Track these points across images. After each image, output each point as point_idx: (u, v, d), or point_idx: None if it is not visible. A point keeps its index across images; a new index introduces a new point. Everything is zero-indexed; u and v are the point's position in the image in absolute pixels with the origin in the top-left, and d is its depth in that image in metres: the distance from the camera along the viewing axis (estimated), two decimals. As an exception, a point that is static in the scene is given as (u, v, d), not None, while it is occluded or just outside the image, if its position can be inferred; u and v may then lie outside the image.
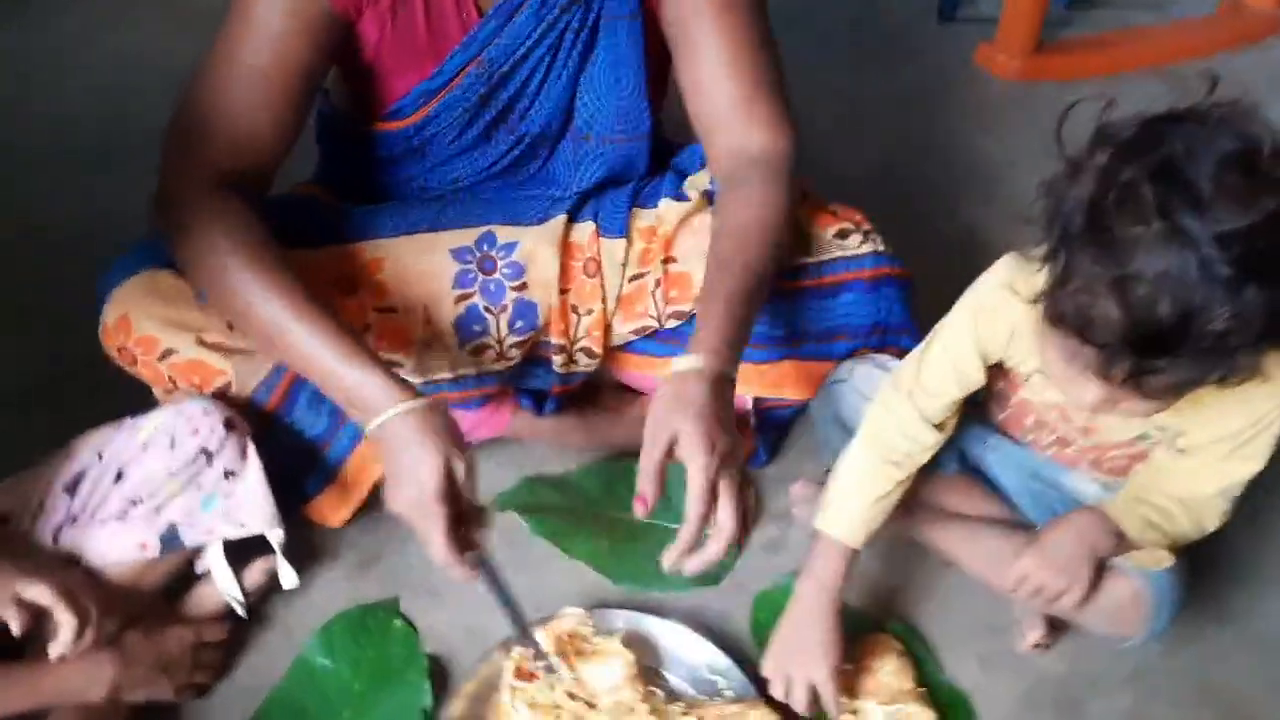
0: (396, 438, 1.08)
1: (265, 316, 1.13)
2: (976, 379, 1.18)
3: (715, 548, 1.09)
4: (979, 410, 1.31)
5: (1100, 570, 1.19)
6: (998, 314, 1.12)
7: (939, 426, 1.20)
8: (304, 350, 1.13)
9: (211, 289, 1.18)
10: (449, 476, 1.07)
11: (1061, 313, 0.92)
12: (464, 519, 1.09)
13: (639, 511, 1.09)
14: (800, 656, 1.18)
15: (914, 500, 1.34)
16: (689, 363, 1.12)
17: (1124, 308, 0.85)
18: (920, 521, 1.34)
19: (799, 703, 1.18)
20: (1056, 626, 1.31)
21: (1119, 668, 1.31)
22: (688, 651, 1.28)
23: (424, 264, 1.34)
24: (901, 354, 1.32)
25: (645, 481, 1.09)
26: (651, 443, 1.09)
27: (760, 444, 1.51)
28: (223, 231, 1.15)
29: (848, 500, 1.21)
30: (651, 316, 1.39)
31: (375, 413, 1.09)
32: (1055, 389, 1.05)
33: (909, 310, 1.43)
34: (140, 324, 1.24)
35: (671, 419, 1.09)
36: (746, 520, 1.11)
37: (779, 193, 1.26)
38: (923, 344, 1.21)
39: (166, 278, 1.27)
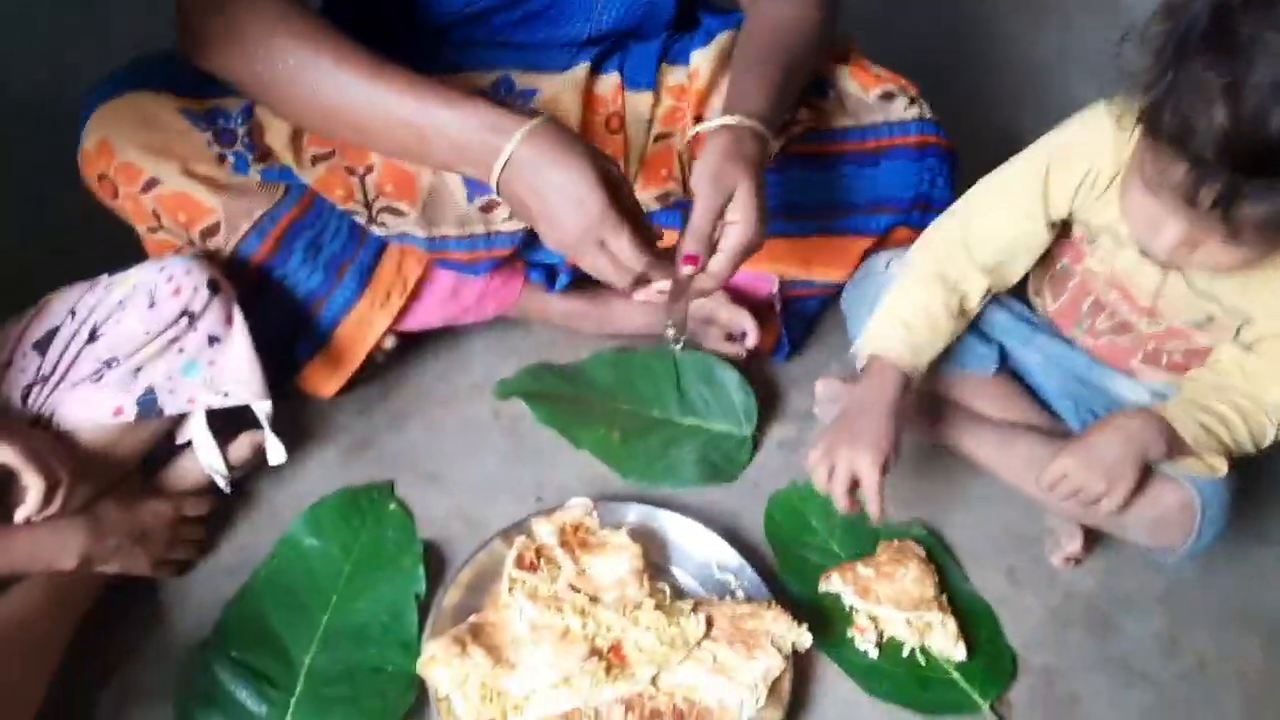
0: (532, 165, 0.97)
1: (341, 86, 1.02)
2: (1031, 230, 1.12)
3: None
4: (1026, 305, 1.23)
5: (1146, 477, 1.11)
6: (1076, 153, 1.07)
7: (990, 272, 1.15)
8: (398, 110, 1.01)
9: (273, 81, 1.05)
10: (609, 179, 0.97)
11: (1162, 122, 0.87)
12: (638, 224, 1.00)
13: (686, 271, 1.03)
14: (850, 445, 1.11)
15: (946, 403, 1.26)
16: (737, 119, 1.04)
17: (1233, 115, 0.81)
18: (953, 425, 1.26)
19: (838, 493, 1.11)
20: (1089, 540, 1.24)
21: (1153, 586, 1.23)
22: (698, 548, 1.21)
23: None
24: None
25: (698, 242, 1.02)
26: (708, 196, 1.01)
27: (784, 336, 1.42)
28: (275, 15, 1.03)
29: (896, 321, 1.16)
30: (676, 180, 1.29)
31: (497, 148, 0.97)
32: (1124, 249, 1.02)
33: (952, 185, 1.32)
34: (122, 149, 1.13)
35: (729, 172, 1.01)
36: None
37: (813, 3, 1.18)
38: (985, 179, 1.16)
39: (150, 100, 1.15)
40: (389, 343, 1.34)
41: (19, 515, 1.00)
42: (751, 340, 1.36)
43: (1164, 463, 1.12)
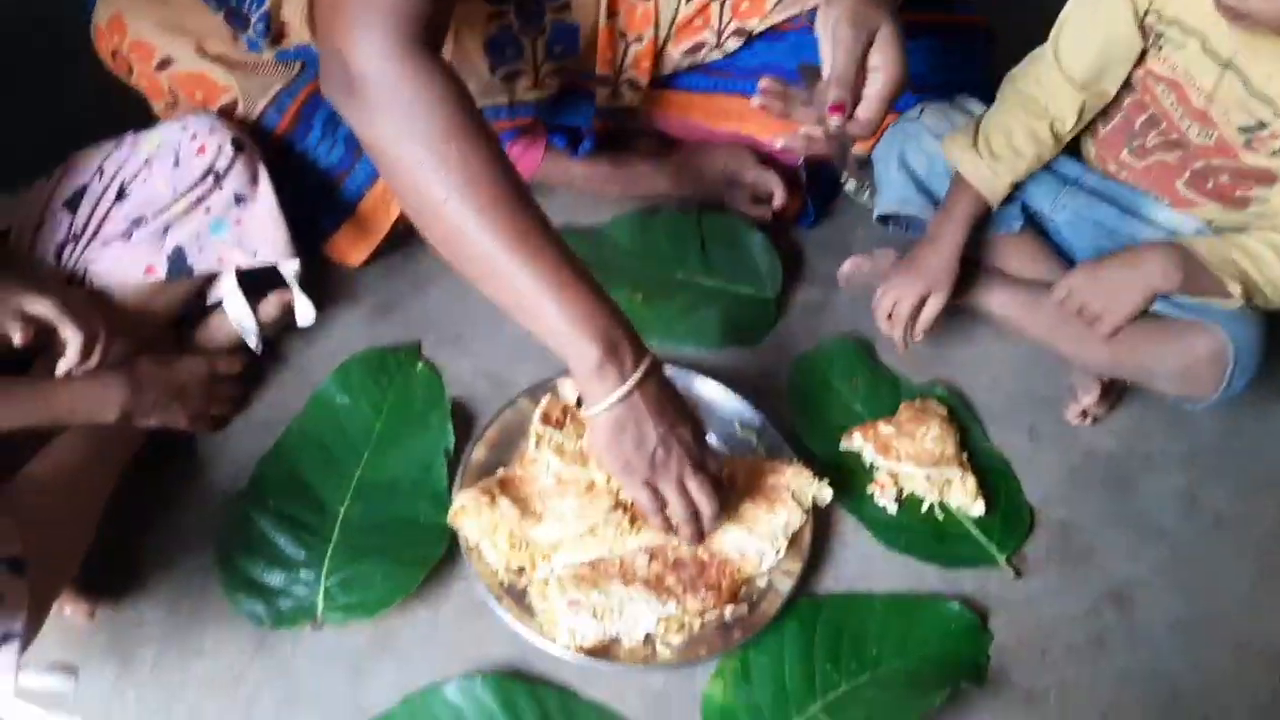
0: (628, 417, 0.95)
1: (478, 230, 0.90)
2: (1122, 33, 1.10)
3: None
4: (1063, 158, 1.22)
5: (1176, 325, 1.13)
6: None
7: (1084, 88, 1.14)
8: (526, 291, 0.92)
9: (416, 207, 0.94)
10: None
11: None
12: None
13: (835, 121, 1.02)
14: (918, 278, 1.20)
15: (971, 264, 1.25)
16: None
17: None
18: (978, 285, 1.25)
19: (899, 322, 1.21)
20: (1110, 398, 1.24)
21: (1174, 446, 1.24)
22: (720, 407, 1.22)
23: None
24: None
25: (843, 89, 1.00)
26: (849, 40, 0.99)
27: (809, 203, 1.40)
28: (428, 119, 0.89)
29: (985, 149, 1.18)
30: (712, 30, 1.26)
31: (601, 396, 0.95)
32: (1189, 43, 1.04)
33: (986, 63, 1.29)
34: (135, 25, 1.13)
35: (869, 16, 0.99)
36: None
37: None
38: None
39: None
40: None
41: (60, 368, 1.03)
42: (779, 201, 1.35)
43: (1182, 296, 1.12)
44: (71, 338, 1.01)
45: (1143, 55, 1.12)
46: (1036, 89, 1.16)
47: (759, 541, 1.10)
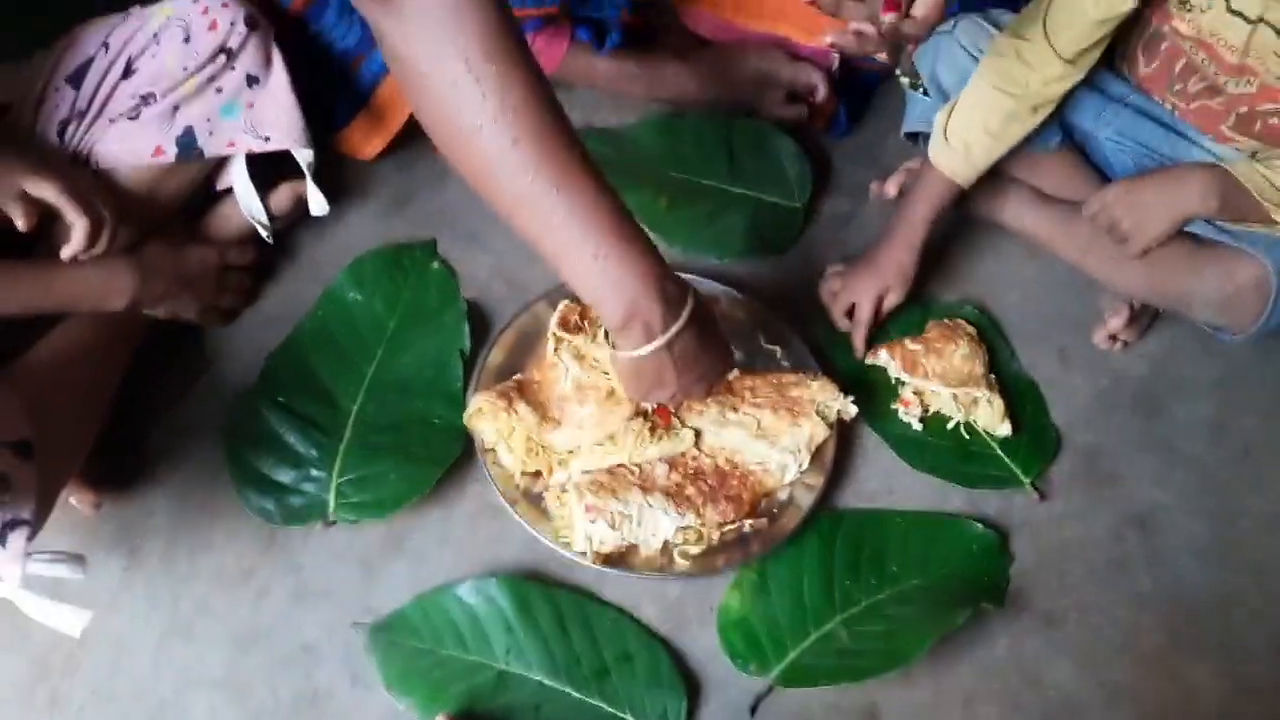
0: (679, 354, 0.91)
1: (514, 182, 0.82)
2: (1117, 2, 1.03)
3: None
4: (1107, 73, 1.16)
5: (1218, 252, 1.10)
6: None
7: (1071, 62, 1.07)
8: (565, 224, 0.83)
9: (446, 135, 0.84)
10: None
11: None
12: None
13: (891, 18, 0.99)
14: (876, 278, 1.17)
15: (1005, 178, 1.21)
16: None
17: None
18: (1012, 201, 1.21)
19: (859, 326, 1.18)
20: (1140, 320, 1.21)
21: (1206, 372, 1.21)
22: (745, 320, 1.19)
23: None
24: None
25: None
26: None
27: (843, 109, 1.35)
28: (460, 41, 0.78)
29: (961, 131, 1.11)
30: None
31: (625, 348, 0.91)
32: (1212, 6, 0.99)
33: None
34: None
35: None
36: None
37: None
38: None
39: None
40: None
41: (65, 253, 0.99)
42: (822, 94, 1.30)
43: (1223, 220, 1.09)
44: (77, 222, 0.97)
45: (1165, 8, 1.07)
46: (1017, 67, 1.08)
47: (781, 454, 1.08)
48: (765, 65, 1.30)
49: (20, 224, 0.95)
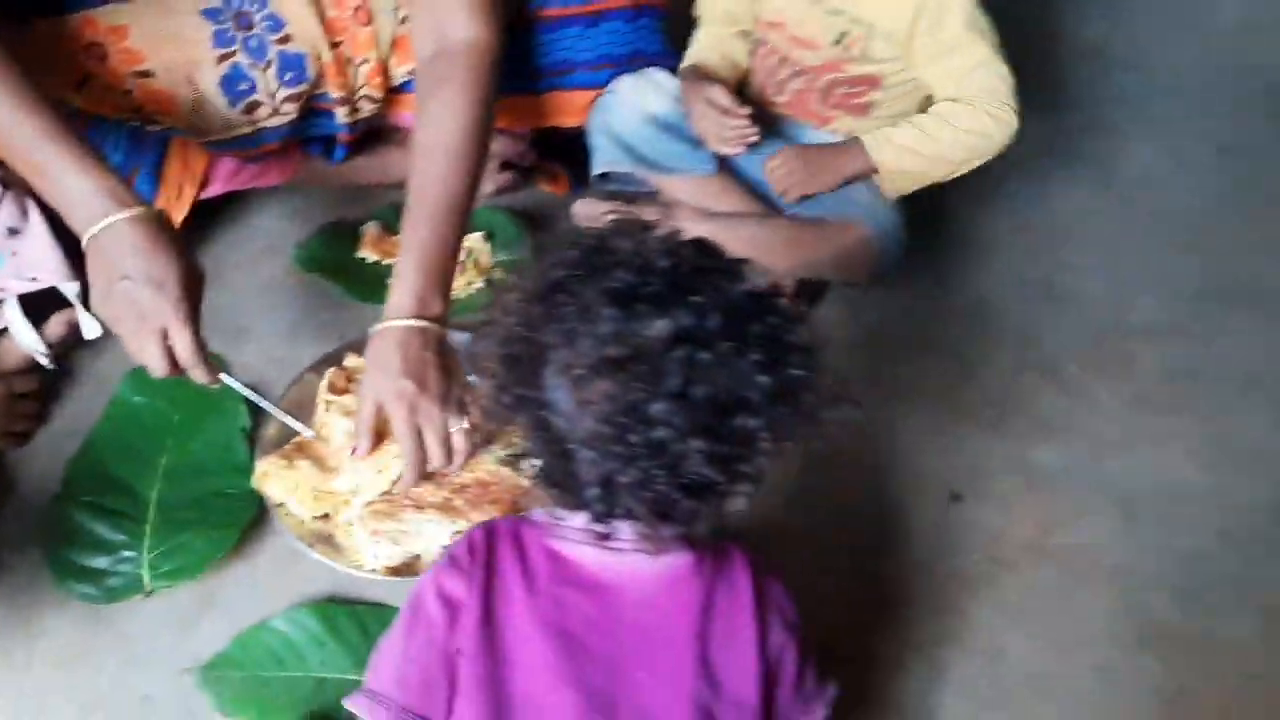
0: (131, 239, 1.06)
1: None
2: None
3: (409, 477, 1.20)
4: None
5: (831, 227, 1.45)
6: None
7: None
8: (16, 144, 1.07)
9: None
10: (196, 278, 1.11)
11: None
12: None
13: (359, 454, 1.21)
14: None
15: (673, 203, 1.49)
16: (391, 314, 1.17)
17: None
18: (682, 220, 1.49)
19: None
20: (803, 295, 1.51)
21: (858, 326, 1.52)
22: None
23: (173, 26, 1.33)
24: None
25: (361, 438, 1.20)
26: (361, 405, 1.20)
27: (570, 176, 1.64)
28: None
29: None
30: None
31: (97, 218, 1.06)
32: None
33: (665, 40, 1.55)
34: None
35: (375, 385, 1.18)
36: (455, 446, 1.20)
37: (481, 91, 1.25)
38: None
39: None
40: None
41: None
42: (528, 157, 1.57)
43: (872, 176, 1.44)
44: None
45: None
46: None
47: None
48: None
49: None
